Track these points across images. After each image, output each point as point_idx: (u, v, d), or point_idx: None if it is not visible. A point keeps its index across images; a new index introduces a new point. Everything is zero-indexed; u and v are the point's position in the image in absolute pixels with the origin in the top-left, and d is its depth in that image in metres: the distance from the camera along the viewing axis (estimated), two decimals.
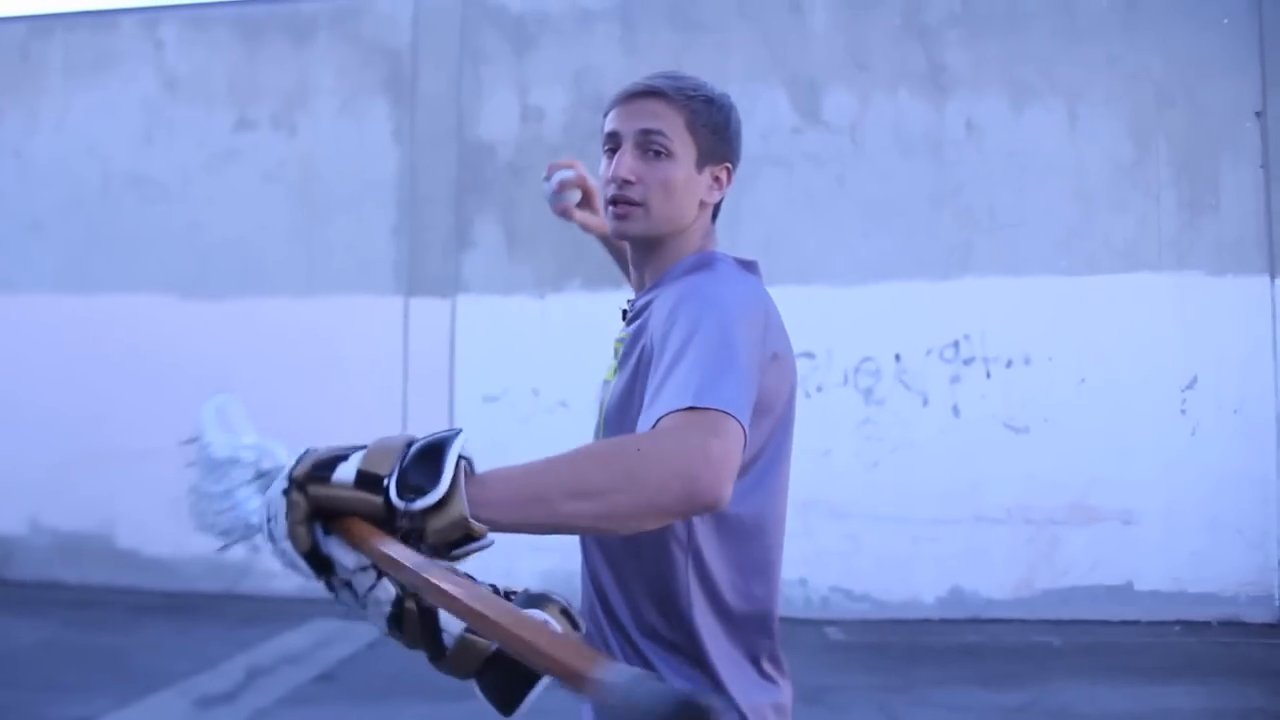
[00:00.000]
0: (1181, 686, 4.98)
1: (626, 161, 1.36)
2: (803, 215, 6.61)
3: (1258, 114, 6.39)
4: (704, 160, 1.39)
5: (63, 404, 7.06)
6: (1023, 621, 6.15)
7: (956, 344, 6.49)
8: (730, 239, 6.46)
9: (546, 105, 6.85)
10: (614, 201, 1.37)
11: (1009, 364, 6.45)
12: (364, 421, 6.29)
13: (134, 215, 7.22)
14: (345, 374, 6.69)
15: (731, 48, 6.70)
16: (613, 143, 1.40)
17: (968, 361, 6.48)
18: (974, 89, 6.59)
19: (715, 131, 1.40)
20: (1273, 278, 6.32)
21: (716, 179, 1.42)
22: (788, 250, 6.50)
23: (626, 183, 1.36)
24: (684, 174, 1.37)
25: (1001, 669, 5.27)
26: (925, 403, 6.45)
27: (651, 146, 1.36)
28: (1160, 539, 6.22)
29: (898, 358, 6.47)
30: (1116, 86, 6.49)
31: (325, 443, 1.01)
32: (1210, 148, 6.42)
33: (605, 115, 1.42)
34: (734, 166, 1.45)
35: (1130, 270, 6.38)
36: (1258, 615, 6.15)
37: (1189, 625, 6.07)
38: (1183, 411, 6.31)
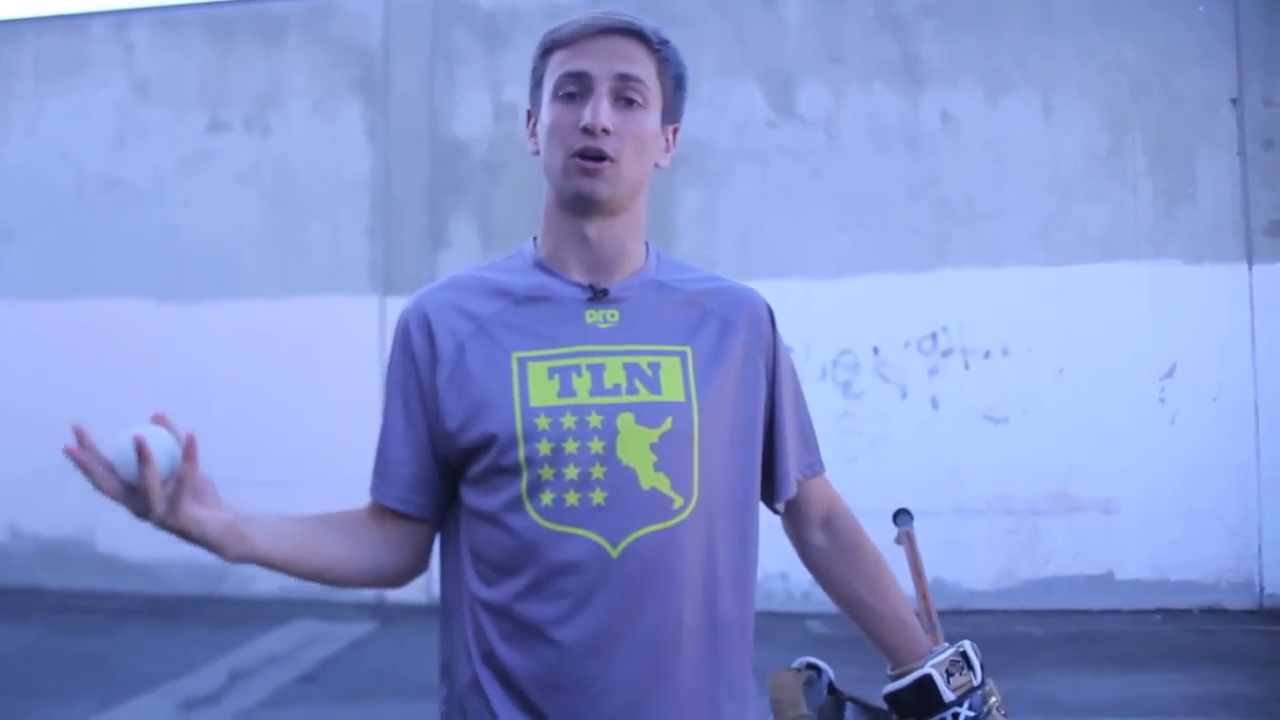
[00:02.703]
0: (1163, 674, 4.98)
1: (605, 109, 1.17)
2: (778, 209, 6.60)
3: (1233, 101, 6.40)
4: (666, 116, 1.26)
5: (41, 410, 7.00)
6: (1004, 612, 6.16)
7: (934, 336, 6.49)
8: (706, 234, 6.47)
9: (520, 102, 6.80)
10: (584, 155, 1.18)
11: (987, 355, 6.45)
12: (340, 421, 6.28)
13: (108, 219, 7.19)
14: (322, 374, 6.66)
15: (704, 42, 6.68)
16: (578, 85, 1.19)
17: (946, 353, 6.48)
18: (948, 81, 6.59)
19: (678, 85, 1.27)
20: (1250, 265, 6.33)
21: (668, 140, 1.29)
22: (764, 244, 6.49)
23: (605, 133, 1.17)
24: (653, 128, 1.23)
25: (983, 659, 5.26)
26: (904, 395, 6.45)
27: (627, 95, 1.19)
28: (1141, 528, 6.23)
29: (876, 351, 6.48)
30: (1091, 76, 6.50)
31: (300, 443, 1.06)
32: (1186, 136, 6.42)
33: (557, 48, 1.22)
34: (679, 129, 1.31)
35: (1107, 260, 6.38)
36: (1238, 602, 6.17)
37: (1170, 613, 6.08)
38: (1162, 400, 6.32)
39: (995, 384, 6.40)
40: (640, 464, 1.17)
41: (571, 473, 1.16)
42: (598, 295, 1.23)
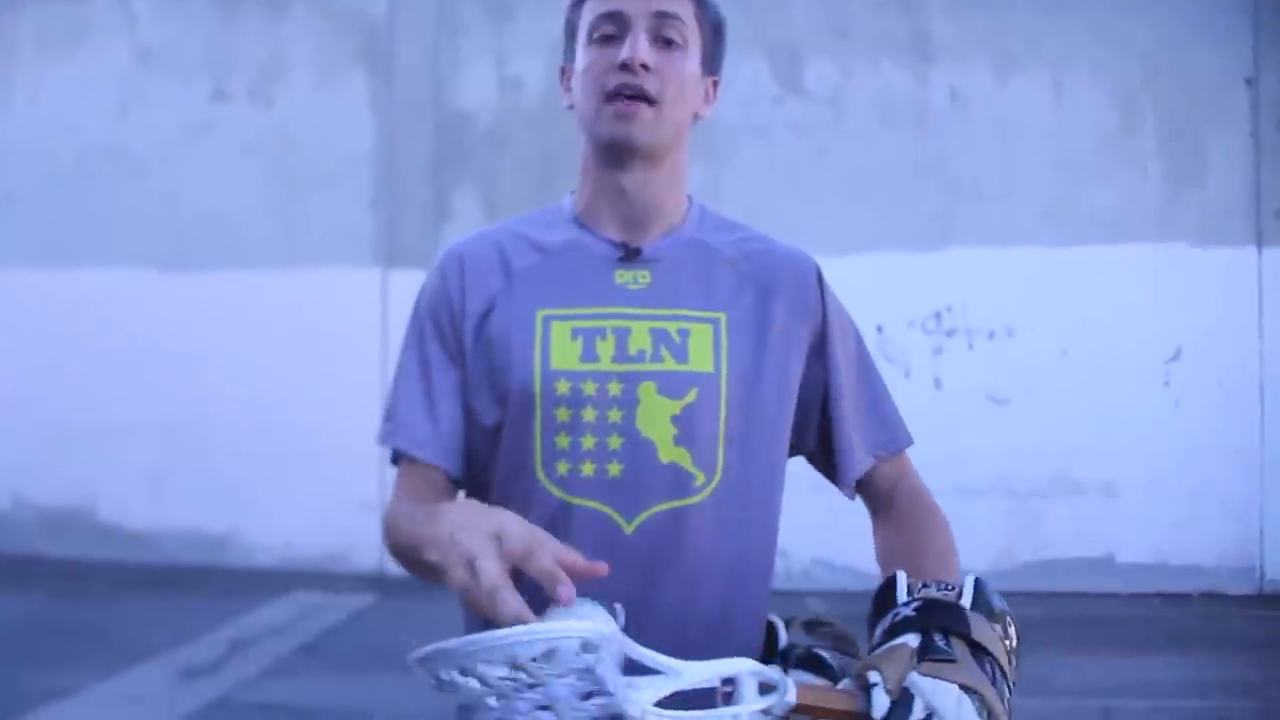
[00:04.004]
0: (1163, 658, 4.99)
1: (643, 44, 1.11)
2: (784, 186, 6.55)
3: (1248, 81, 6.32)
4: (705, 64, 1.20)
5: (42, 380, 7.03)
6: (1004, 593, 6.13)
7: (939, 315, 6.46)
8: (711, 209, 6.39)
9: (525, 75, 6.77)
10: (619, 94, 1.12)
11: (991, 335, 6.42)
12: (342, 394, 6.28)
13: (110, 189, 7.15)
14: (323, 346, 6.64)
15: None
16: (614, 25, 1.13)
17: (950, 333, 6.45)
18: (958, 58, 6.52)
19: (717, 33, 1.22)
20: (1260, 249, 6.28)
21: (708, 91, 1.23)
22: (769, 221, 6.29)
23: (644, 69, 1.11)
24: (695, 70, 1.17)
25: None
26: (907, 375, 6.42)
27: (666, 34, 1.14)
28: (1142, 511, 6.22)
29: (879, 329, 6.44)
30: (1103, 55, 6.42)
31: (301, 414, 0.98)
32: (1198, 117, 6.35)
33: None
34: (719, 83, 1.25)
35: (1115, 241, 6.33)
36: (1239, 587, 6.16)
37: (1170, 597, 6.07)
38: (1166, 383, 6.29)
39: (999, 365, 6.37)
40: (660, 436, 1.12)
41: (588, 442, 1.11)
42: (629, 255, 1.17)
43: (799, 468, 1.28)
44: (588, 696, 0.84)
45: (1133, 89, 6.40)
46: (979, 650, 0.91)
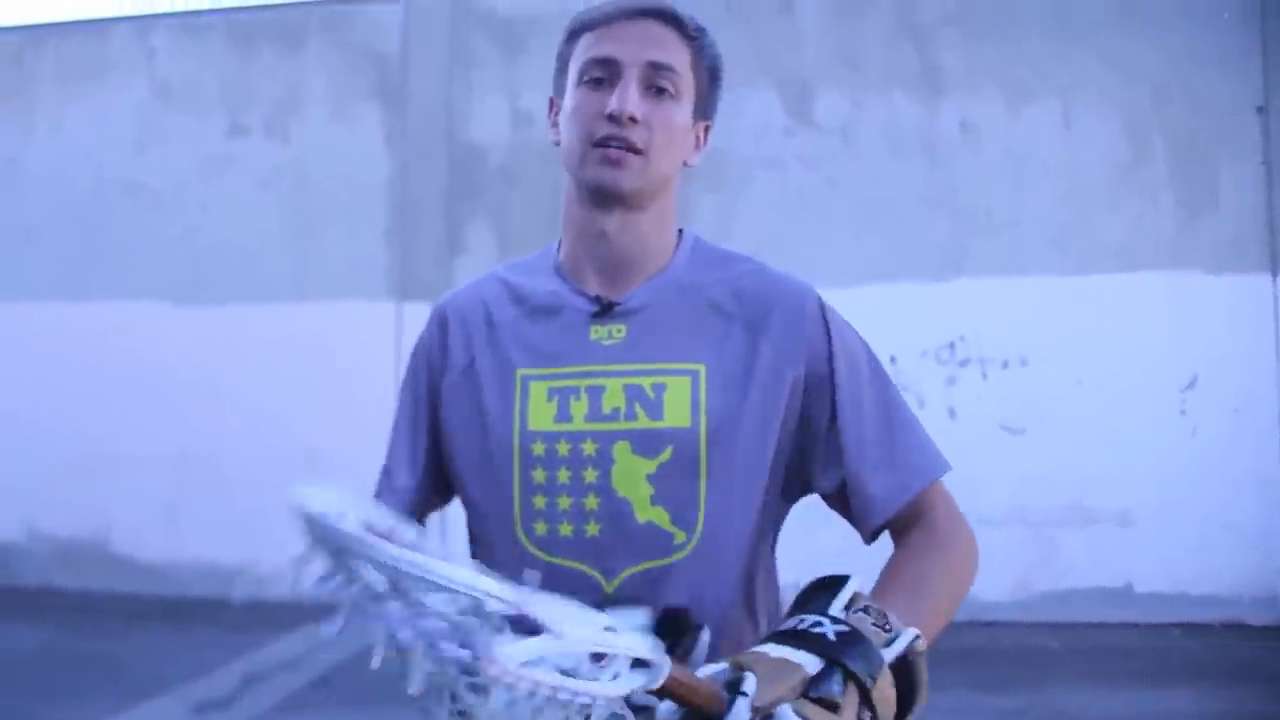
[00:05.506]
0: (1182, 690, 4.91)
1: (633, 97, 1.09)
2: (795, 217, 6.58)
3: (1259, 109, 6.33)
4: (698, 111, 1.17)
5: (58, 411, 7.08)
6: (1020, 624, 6.10)
7: (952, 345, 6.45)
8: (722, 242, 6.40)
9: (537, 109, 6.82)
10: (608, 143, 1.10)
11: (1005, 365, 6.40)
12: (356, 425, 6.28)
13: (127, 222, 7.23)
14: (338, 378, 6.68)
15: (721, 49, 6.61)
16: (606, 71, 1.11)
17: (963, 363, 6.44)
18: (968, 89, 6.55)
19: (714, 79, 1.19)
20: (1274, 276, 6.26)
21: (699, 138, 1.20)
22: (780, 253, 6.41)
23: (632, 121, 1.09)
24: (684, 121, 1.15)
25: (999, 672, 5.21)
26: (921, 405, 6.40)
27: (658, 83, 1.12)
28: (1160, 540, 6.16)
29: (893, 360, 6.43)
30: (1112, 85, 6.44)
31: (315, 446, 0.97)
32: (1209, 145, 6.36)
33: (585, 31, 1.15)
34: (711, 127, 1.22)
35: (1128, 270, 6.32)
36: (1260, 617, 6.08)
37: (1190, 628, 5.99)
38: (1182, 412, 6.25)
39: (1013, 394, 6.35)
40: (636, 496, 1.09)
41: (565, 503, 1.10)
42: (604, 310, 1.14)
43: (810, 500, 1.23)
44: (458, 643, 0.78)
45: (1143, 118, 6.41)
46: (868, 707, 0.86)
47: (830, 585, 0.94)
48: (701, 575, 1.10)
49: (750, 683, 0.84)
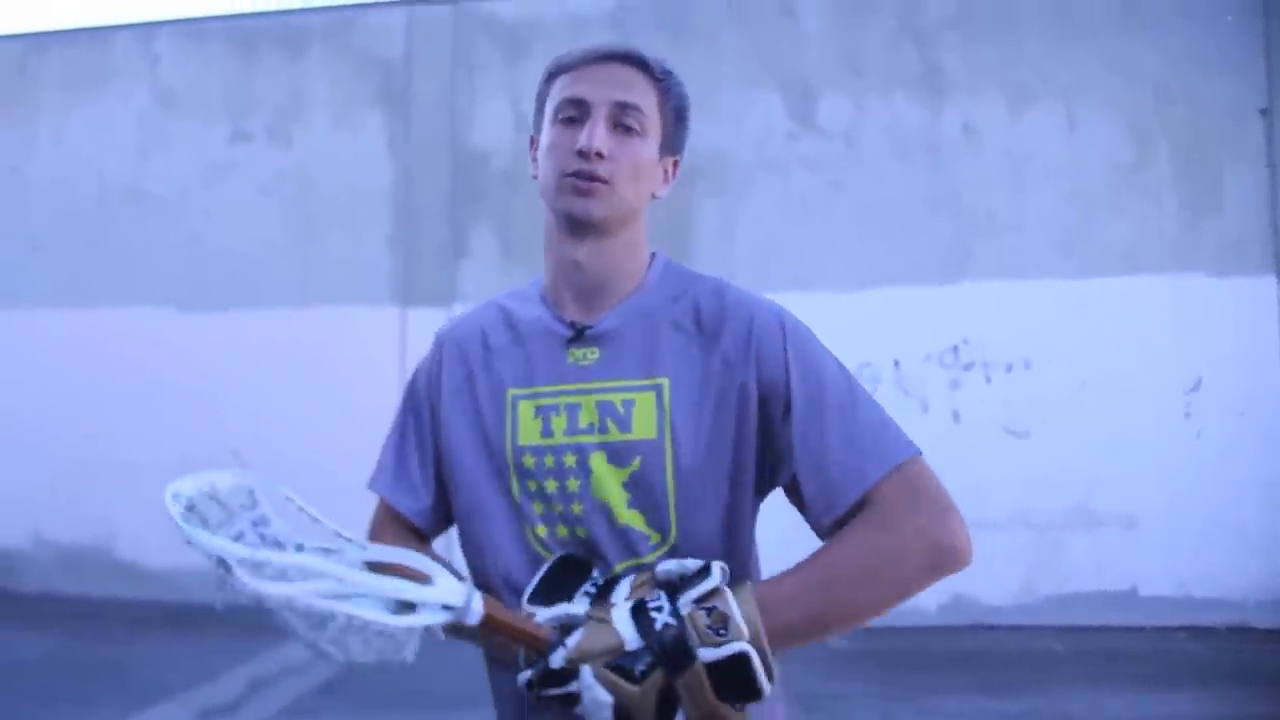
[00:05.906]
0: (1188, 693, 4.90)
1: (600, 134, 1.20)
2: (798, 221, 6.58)
3: (1262, 111, 6.33)
4: (665, 147, 1.28)
5: (62, 417, 7.09)
6: (1025, 628, 6.09)
7: (956, 349, 6.44)
8: (726, 246, 6.42)
9: None
10: (578, 175, 1.20)
11: (1009, 368, 6.40)
12: (360, 431, 6.27)
13: (130, 229, 7.25)
14: (342, 385, 6.68)
15: (724, 53, 6.68)
16: (577, 110, 1.22)
17: (967, 366, 6.43)
18: (971, 92, 6.55)
19: (679, 118, 1.30)
20: (1278, 278, 6.25)
21: (666, 172, 1.31)
22: (784, 256, 6.47)
23: (599, 157, 1.20)
24: (650, 156, 1.26)
25: (1003, 676, 5.21)
26: (925, 409, 6.40)
27: (625, 122, 1.22)
28: (1165, 543, 6.15)
29: (896, 364, 6.43)
30: (1116, 87, 6.44)
31: (319, 452, 1.12)
32: (1213, 147, 6.36)
33: (560, 74, 1.26)
34: (680, 162, 1.33)
35: (1131, 272, 6.32)
36: (1266, 620, 6.06)
37: (1195, 631, 5.99)
38: (1187, 415, 6.25)
39: (1017, 397, 6.35)
40: (614, 501, 1.20)
41: (557, 508, 1.22)
42: (577, 334, 1.25)
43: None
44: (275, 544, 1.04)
45: (1147, 120, 6.41)
46: (669, 696, 1.01)
47: (697, 571, 1.08)
48: None
49: (575, 637, 1.03)
